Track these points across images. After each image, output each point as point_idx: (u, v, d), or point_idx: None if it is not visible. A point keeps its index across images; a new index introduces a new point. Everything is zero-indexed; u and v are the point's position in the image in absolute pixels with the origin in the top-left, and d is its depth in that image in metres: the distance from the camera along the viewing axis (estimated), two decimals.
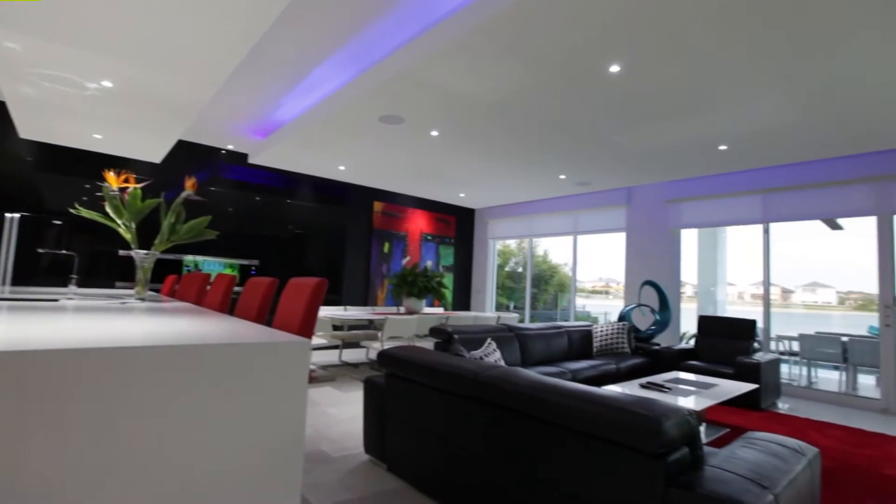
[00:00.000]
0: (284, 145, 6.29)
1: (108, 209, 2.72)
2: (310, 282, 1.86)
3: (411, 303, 6.78)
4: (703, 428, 3.89)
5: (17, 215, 5.41)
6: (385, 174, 7.80)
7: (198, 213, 2.87)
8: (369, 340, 6.24)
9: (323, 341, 6.12)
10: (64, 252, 5.11)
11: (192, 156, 6.92)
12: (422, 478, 2.62)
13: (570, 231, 8.82)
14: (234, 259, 7.18)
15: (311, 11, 3.65)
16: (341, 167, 7.41)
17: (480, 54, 3.61)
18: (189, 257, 6.74)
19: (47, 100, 4.36)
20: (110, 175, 2.72)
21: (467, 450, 2.31)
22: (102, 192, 2.71)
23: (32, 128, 5.32)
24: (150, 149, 5.99)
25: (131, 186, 2.74)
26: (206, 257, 6.88)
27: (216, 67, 3.64)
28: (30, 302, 2.20)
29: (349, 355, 7.02)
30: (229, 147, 7.20)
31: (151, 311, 2.10)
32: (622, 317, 6.60)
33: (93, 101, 4.39)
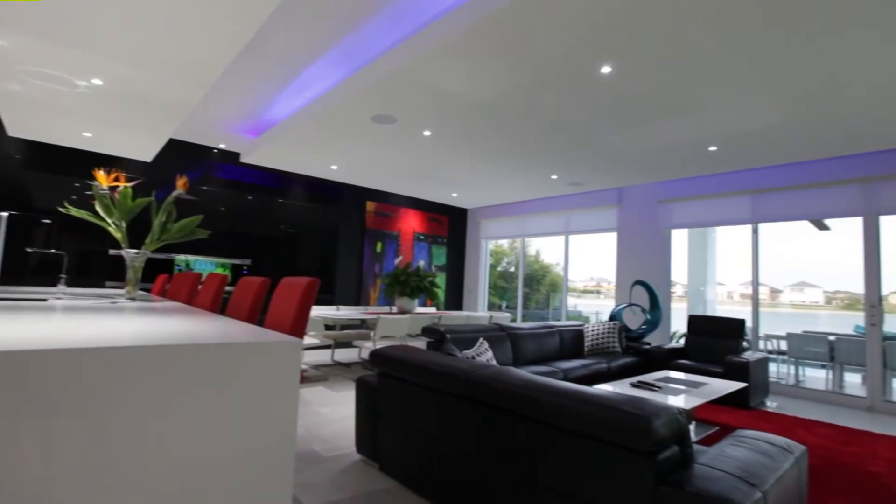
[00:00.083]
0: (277, 144, 6.27)
1: (98, 208, 2.69)
2: (301, 281, 1.86)
3: (404, 302, 6.78)
4: (692, 426, 3.92)
5: (4, 214, 5.34)
6: (378, 174, 7.79)
7: (189, 213, 2.85)
8: (361, 340, 6.23)
9: (315, 341, 6.11)
10: (53, 251, 5.05)
11: (183, 154, 6.87)
12: (414, 477, 2.62)
13: (562, 231, 8.86)
14: (226, 258, 7.14)
15: (303, 10, 3.64)
16: (334, 167, 7.39)
17: (473, 55, 3.62)
18: (180, 257, 6.70)
19: (37, 97, 4.32)
20: (100, 174, 2.69)
21: (459, 449, 2.32)
22: (92, 191, 2.69)
23: (21, 125, 5.26)
24: (141, 147, 5.95)
25: (122, 185, 2.72)
26: (197, 257, 6.84)
27: (208, 66, 3.62)
28: (17, 301, 2.18)
29: (341, 355, 7.01)
30: (221, 146, 7.16)
31: (142, 310, 2.09)
32: (613, 316, 6.64)
33: (83, 99, 4.35)
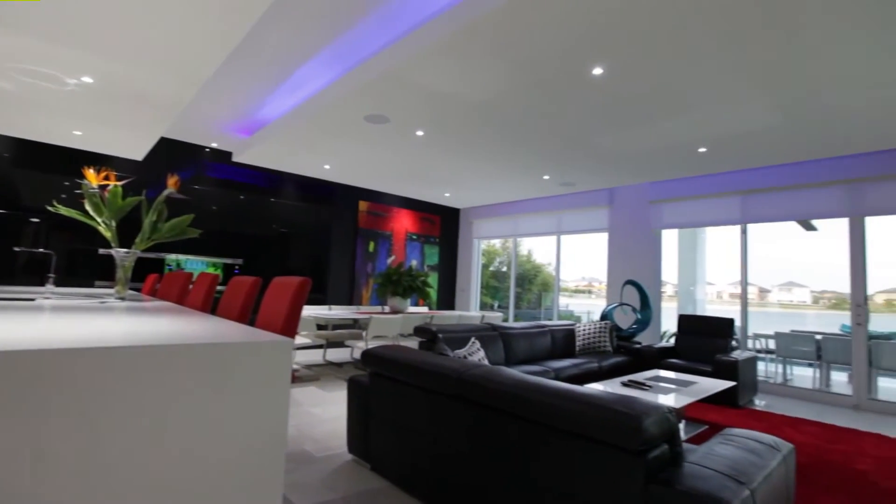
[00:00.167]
0: (269, 144, 6.24)
1: (87, 207, 2.67)
2: (293, 281, 1.86)
3: (396, 302, 6.78)
4: (682, 425, 3.96)
5: None
6: (370, 174, 7.78)
7: (180, 212, 2.83)
8: (354, 340, 6.23)
9: (307, 341, 6.09)
10: (41, 251, 4.99)
11: (174, 153, 6.81)
12: (405, 477, 2.63)
13: (554, 231, 8.89)
14: (218, 258, 7.09)
15: (296, 9, 3.63)
16: (326, 166, 7.37)
17: (465, 55, 3.62)
18: (171, 256, 6.65)
19: (25, 95, 4.27)
20: (90, 172, 2.67)
21: (451, 449, 2.32)
22: (82, 190, 2.66)
23: (9, 123, 5.20)
24: (132, 146, 5.89)
25: (112, 184, 2.70)
26: (188, 256, 6.79)
27: (200, 64, 3.60)
28: (3, 301, 2.16)
29: (333, 355, 6.99)
30: (213, 145, 7.11)
31: (131, 310, 2.08)
32: (604, 316, 6.68)
33: (73, 97, 4.31)
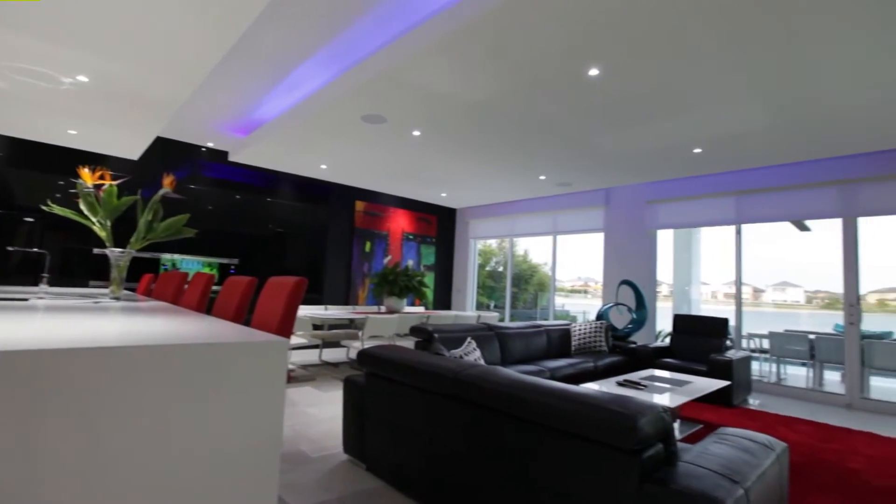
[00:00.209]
0: (266, 143, 6.23)
1: (82, 206, 2.66)
2: (289, 281, 1.86)
3: (392, 302, 6.78)
4: (677, 424, 3.98)
5: None
6: (367, 174, 7.77)
7: (176, 211, 2.83)
8: (350, 340, 6.22)
9: (303, 341, 6.08)
10: (35, 250, 4.97)
11: (170, 153, 6.78)
12: (401, 477, 2.63)
13: (550, 231, 8.91)
14: (214, 258, 7.07)
15: (292, 9, 3.63)
16: (323, 166, 7.36)
17: (462, 56, 3.63)
18: (167, 256, 6.62)
19: (20, 94, 4.24)
20: (85, 171, 2.66)
21: (447, 449, 2.33)
22: (77, 189, 2.65)
23: (4, 122, 5.17)
24: (127, 145, 5.87)
25: (107, 183, 2.69)
26: (184, 256, 6.77)
27: (196, 64, 3.59)
28: None
29: (329, 355, 6.98)
30: (209, 144, 7.09)
31: (126, 310, 2.07)
32: (600, 316, 6.70)
33: (68, 96, 4.29)
